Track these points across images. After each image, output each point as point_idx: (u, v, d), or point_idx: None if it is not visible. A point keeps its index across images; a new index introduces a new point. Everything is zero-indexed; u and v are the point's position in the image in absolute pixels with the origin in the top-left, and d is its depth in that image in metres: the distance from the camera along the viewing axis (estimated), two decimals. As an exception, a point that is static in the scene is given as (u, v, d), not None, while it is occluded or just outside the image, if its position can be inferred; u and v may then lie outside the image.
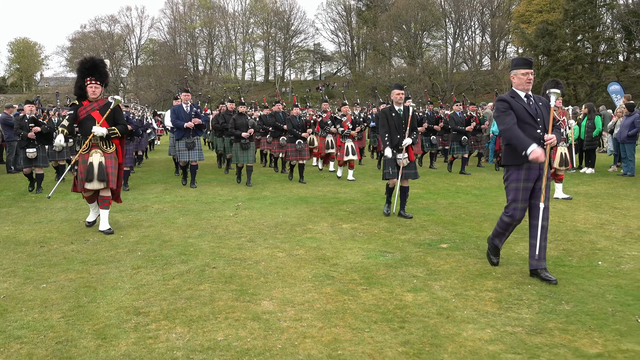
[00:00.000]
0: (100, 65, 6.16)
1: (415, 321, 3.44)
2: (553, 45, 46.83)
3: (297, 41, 67.86)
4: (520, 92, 4.39)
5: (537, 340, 3.14)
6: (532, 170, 4.29)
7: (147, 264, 4.78)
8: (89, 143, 6.00)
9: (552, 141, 4.22)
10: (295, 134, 10.61)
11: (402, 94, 6.99)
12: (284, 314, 3.56)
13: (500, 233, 4.56)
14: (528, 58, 4.45)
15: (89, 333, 3.26)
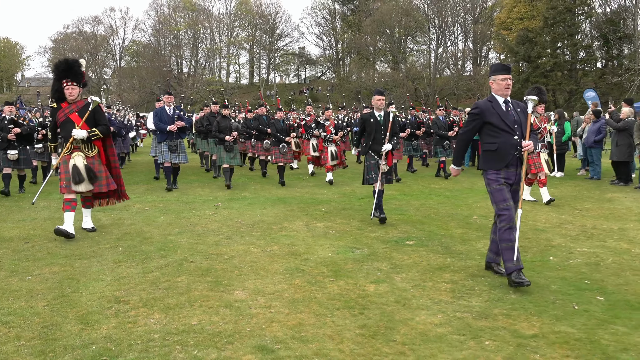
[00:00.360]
0: (75, 65, 6.06)
1: (374, 308, 3.77)
2: (533, 52, 47.78)
3: (282, 44, 68.20)
4: (499, 98, 4.43)
5: (482, 324, 3.48)
6: (509, 175, 4.37)
7: (127, 258, 5.05)
8: (70, 146, 5.93)
9: (530, 147, 4.26)
10: (278, 137, 10.71)
11: (383, 100, 7.01)
12: (254, 302, 3.86)
13: (508, 247, 4.21)
14: (506, 64, 4.53)
15: (72, 319, 3.53)
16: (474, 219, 7.16)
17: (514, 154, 4.32)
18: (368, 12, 62.04)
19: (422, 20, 59.93)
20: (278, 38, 67.39)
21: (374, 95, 7.10)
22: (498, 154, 4.34)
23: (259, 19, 66.45)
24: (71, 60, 6.15)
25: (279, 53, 68.58)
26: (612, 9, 48.55)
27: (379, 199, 6.85)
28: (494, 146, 4.35)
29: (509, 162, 4.32)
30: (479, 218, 7.19)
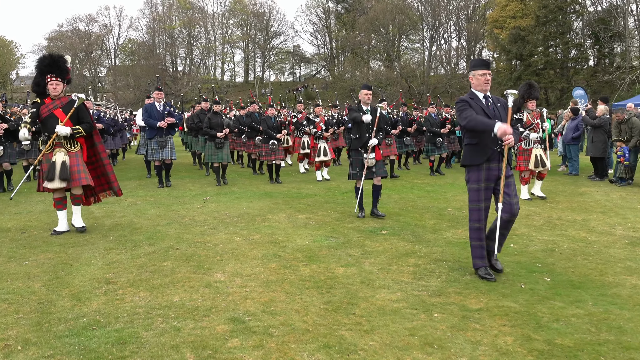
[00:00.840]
0: (60, 61, 6.00)
1: (340, 287, 4.15)
2: (525, 51, 48.30)
3: (277, 43, 68.46)
4: (478, 93, 4.47)
5: (435, 300, 3.88)
6: (491, 171, 4.39)
7: (118, 246, 5.42)
8: (52, 142, 5.88)
9: (510, 141, 4.21)
10: (269, 134, 10.73)
11: (370, 94, 7.05)
12: (232, 283, 4.25)
13: (477, 245, 4.45)
14: (486, 59, 4.59)
15: (65, 296, 3.90)
16: (448, 211, 7.56)
17: (494, 149, 4.36)
18: (362, 10, 62.37)
19: (415, 18, 60.29)
20: (273, 36, 67.62)
21: (361, 90, 7.18)
22: (479, 148, 4.38)
23: (253, 17, 66.62)
24: (56, 56, 6.09)
25: (273, 51, 68.83)
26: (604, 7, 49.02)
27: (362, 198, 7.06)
28: (475, 140, 4.40)
29: (490, 157, 4.36)
30: (453, 210, 7.58)
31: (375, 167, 6.98)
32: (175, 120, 9.89)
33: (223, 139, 10.10)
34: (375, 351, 3.03)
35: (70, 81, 6.22)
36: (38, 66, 6.00)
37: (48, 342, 3.10)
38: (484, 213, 4.42)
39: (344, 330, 3.32)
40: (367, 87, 7.18)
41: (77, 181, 5.87)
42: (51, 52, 5.88)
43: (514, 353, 3.01)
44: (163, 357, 2.93)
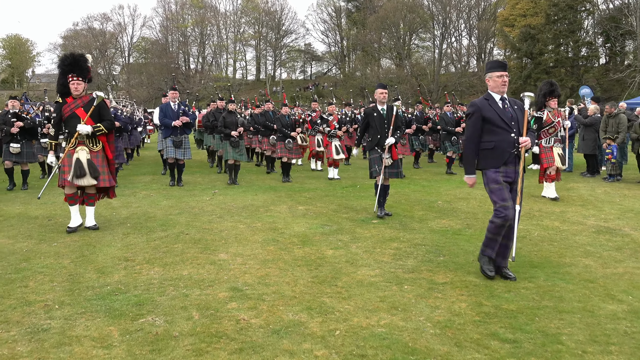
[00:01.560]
0: (81, 60, 6.07)
1: (327, 265, 4.78)
2: (535, 49, 48.46)
3: (288, 41, 69.08)
4: (495, 95, 4.43)
5: (408, 276, 4.48)
6: (508, 173, 4.37)
7: (134, 231, 6.09)
8: (74, 141, 5.97)
9: (527, 144, 4.25)
10: (284, 132, 10.74)
11: (386, 93, 7.00)
12: (233, 261, 4.89)
13: (492, 239, 4.39)
14: (502, 60, 4.53)
15: (91, 270, 4.56)
16: (438, 203, 8.14)
17: (511, 152, 4.33)
18: (373, 9, 62.77)
19: (426, 17, 60.54)
20: (284, 35, 68.22)
21: (376, 89, 7.10)
22: (495, 151, 4.34)
23: (265, 15, 67.25)
24: (77, 55, 6.16)
25: (285, 49, 69.45)
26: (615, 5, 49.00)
27: (382, 195, 7.00)
28: (491, 144, 4.36)
29: (507, 160, 4.34)
30: (442, 203, 8.16)
31: (388, 168, 6.93)
32: (189, 119, 9.95)
33: (238, 137, 10.12)
34: (349, 312, 3.65)
35: (91, 80, 6.30)
36: (60, 66, 6.08)
37: (79, 303, 3.76)
38: (511, 211, 4.27)
39: (326, 297, 3.95)
40: (383, 86, 7.12)
41: (107, 182, 6.04)
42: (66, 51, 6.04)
43: (464, 314, 3.62)
44: (174, 315, 3.57)
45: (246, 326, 3.40)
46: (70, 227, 6.03)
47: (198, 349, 3.06)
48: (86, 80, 6.11)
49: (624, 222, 6.73)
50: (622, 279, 4.39)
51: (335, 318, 3.55)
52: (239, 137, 10.16)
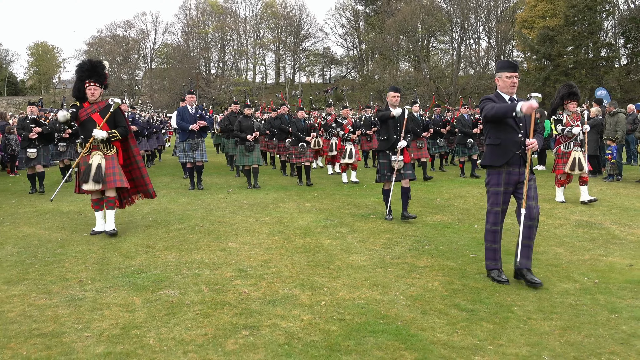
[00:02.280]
0: (99, 67, 6.19)
1: (323, 252, 5.39)
2: (554, 50, 48.37)
3: (307, 45, 69.85)
4: (504, 95, 4.42)
5: (393, 261, 5.07)
6: (512, 175, 4.37)
7: (155, 224, 6.78)
8: (89, 145, 6.11)
9: (534, 146, 4.23)
10: (299, 136, 10.73)
11: (398, 97, 7.06)
12: (241, 248, 5.53)
13: (491, 248, 4.48)
14: (513, 61, 4.52)
15: (117, 255, 5.25)
16: (436, 201, 8.69)
17: (516, 152, 4.34)
18: (390, 12, 63.21)
19: (444, 20, 60.72)
20: (303, 39, 68.95)
21: (388, 92, 7.16)
22: (500, 149, 4.37)
23: (284, 20, 68.10)
24: (95, 61, 6.28)
25: (304, 53, 70.22)
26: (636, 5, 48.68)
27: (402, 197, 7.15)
28: (498, 141, 4.39)
29: (510, 160, 4.35)
30: (441, 200, 8.71)
31: (403, 170, 7.01)
32: (206, 123, 10.12)
33: (253, 141, 10.17)
34: (336, 288, 4.26)
35: (107, 86, 6.41)
36: (78, 72, 6.18)
37: (108, 280, 4.44)
38: (500, 216, 4.44)
39: (317, 277, 4.56)
40: (395, 89, 7.18)
41: (111, 183, 6.04)
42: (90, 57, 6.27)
43: (435, 290, 4.20)
44: (187, 289, 4.22)
45: (247, 297, 4.03)
46: (94, 230, 6.29)
47: (205, 313, 3.70)
48: (103, 86, 6.25)
49: (607, 217, 7.22)
50: (584, 264, 4.92)
51: (323, 292, 4.17)
52: (255, 141, 10.21)
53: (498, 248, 4.49)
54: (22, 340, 3.27)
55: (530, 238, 4.34)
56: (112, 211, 6.18)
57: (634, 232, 6.25)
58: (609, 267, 4.85)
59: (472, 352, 3.12)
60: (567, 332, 3.40)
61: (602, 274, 4.63)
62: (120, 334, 3.35)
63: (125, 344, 3.21)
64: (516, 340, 3.28)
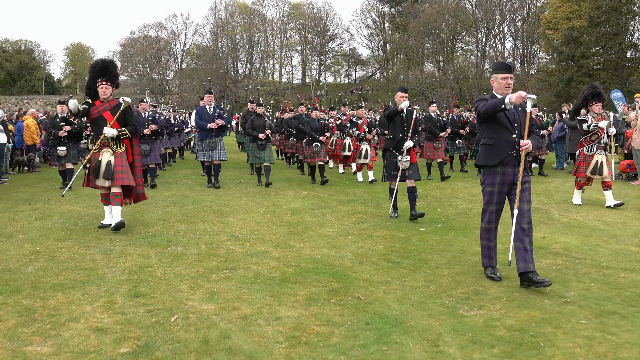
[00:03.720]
0: (111, 66, 6.35)
1: (302, 226, 6.70)
2: (577, 52, 48.51)
3: (333, 46, 70.86)
4: (499, 97, 4.42)
5: (356, 232, 6.35)
6: (506, 176, 4.41)
7: (171, 205, 8.20)
8: (100, 142, 6.29)
9: (528, 147, 4.27)
10: (313, 136, 10.82)
11: (406, 97, 7.11)
12: (237, 222, 6.89)
13: (485, 245, 4.57)
14: (508, 63, 4.58)
15: (139, 225, 6.67)
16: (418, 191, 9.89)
17: (510, 152, 4.38)
18: (415, 13, 63.86)
19: (468, 21, 61.06)
20: (329, 40, 69.98)
21: (397, 92, 7.23)
22: (494, 149, 4.42)
23: (310, 21, 69.28)
24: (107, 61, 6.43)
25: (330, 54, 71.33)
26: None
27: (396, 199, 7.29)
28: (492, 141, 4.46)
29: (505, 160, 4.39)
30: (422, 190, 9.92)
31: (408, 170, 7.13)
32: (224, 122, 10.28)
33: (265, 140, 10.40)
34: (301, 248, 5.57)
35: (118, 85, 6.59)
36: (91, 71, 6.38)
37: (131, 240, 5.85)
38: (495, 215, 4.53)
39: (291, 241, 5.88)
40: (403, 90, 7.22)
41: (119, 180, 6.26)
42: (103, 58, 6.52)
43: (377, 250, 5.47)
44: (189, 246, 5.59)
45: (232, 252, 5.38)
46: (103, 223, 6.55)
47: (200, 260, 5.06)
48: (114, 85, 6.43)
49: (559, 205, 8.34)
50: (503, 236, 6.09)
51: (291, 250, 5.49)
52: (267, 140, 10.46)
53: (493, 246, 4.58)
54: (70, 271, 4.68)
55: (523, 241, 4.31)
56: (119, 207, 6.37)
57: (569, 216, 7.40)
58: (527, 239, 6.03)
59: (382, 284, 4.40)
60: (459, 275, 4.64)
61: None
62: (137, 270, 4.73)
63: (140, 275, 4.58)
64: (417, 278, 4.55)
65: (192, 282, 4.40)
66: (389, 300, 3.99)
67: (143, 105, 10.73)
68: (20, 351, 3.10)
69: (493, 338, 3.32)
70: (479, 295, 4.12)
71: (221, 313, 3.71)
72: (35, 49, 68.39)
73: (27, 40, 67.87)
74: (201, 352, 3.10)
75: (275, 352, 3.12)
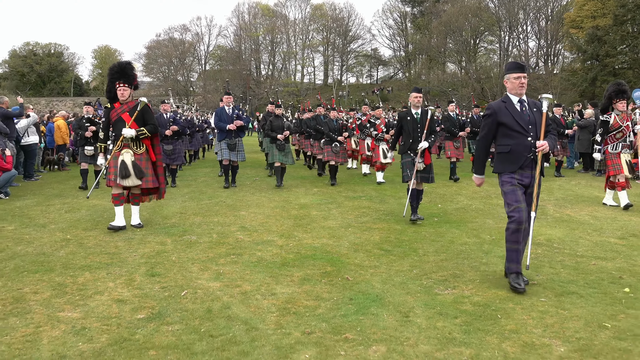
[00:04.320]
0: (128, 68, 6.44)
1: (307, 219, 7.23)
2: (602, 51, 48.02)
3: (355, 46, 71.13)
4: (513, 97, 4.38)
5: (357, 224, 6.84)
6: (524, 177, 4.32)
7: (189, 200, 8.82)
8: (120, 143, 6.40)
9: (544, 148, 4.20)
10: (331, 137, 10.96)
11: (420, 97, 7.11)
12: (248, 215, 7.45)
13: (511, 250, 4.30)
14: (521, 62, 4.46)
15: (159, 217, 7.28)
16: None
17: (527, 156, 4.28)
18: (437, 13, 63.78)
19: (490, 21, 60.74)
20: (351, 40, 70.25)
21: (410, 93, 7.22)
22: (511, 156, 4.31)
23: (332, 22, 69.62)
24: (124, 63, 6.52)
25: (352, 55, 71.64)
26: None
27: (413, 199, 7.07)
28: (507, 148, 4.34)
29: (523, 164, 4.30)
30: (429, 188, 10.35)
31: (422, 172, 7.06)
32: (243, 123, 10.35)
33: (284, 141, 10.48)
34: (304, 238, 6.09)
35: (137, 87, 6.63)
36: (109, 74, 6.49)
37: (150, 230, 6.45)
38: (524, 213, 4.23)
39: (295, 232, 6.41)
40: (417, 90, 7.20)
41: (150, 183, 6.49)
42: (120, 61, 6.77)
43: (373, 240, 5.96)
44: (202, 235, 6.16)
45: (241, 241, 5.94)
46: (113, 225, 6.40)
47: (211, 247, 5.63)
48: (132, 86, 6.50)
49: (557, 202, 8.70)
50: (496, 229, 6.54)
51: (294, 240, 6.02)
52: (285, 141, 10.52)
53: (521, 249, 4.34)
54: (96, 255, 5.29)
55: (518, 242, 4.27)
56: (137, 207, 6.63)
57: (562, 212, 7.77)
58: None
59: (371, 268, 4.90)
60: (443, 261, 5.11)
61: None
62: (154, 255, 5.32)
63: (157, 258, 5.17)
64: (404, 264, 5.03)
65: (202, 265, 4.96)
66: (374, 281, 4.49)
67: (164, 106, 11.13)
68: (54, 316, 3.70)
69: (458, 311, 3.80)
70: (456, 278, 4.59)
71: (225, 289, 4.26)
72: (65, 52, 70.47)
73: (56, 43, 70.00)
74: (205, 319, 3.65)
75: (267, 319, 3.66)
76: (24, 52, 67.13)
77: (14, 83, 63.75)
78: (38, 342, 3.27)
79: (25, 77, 65.98)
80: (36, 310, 3.79)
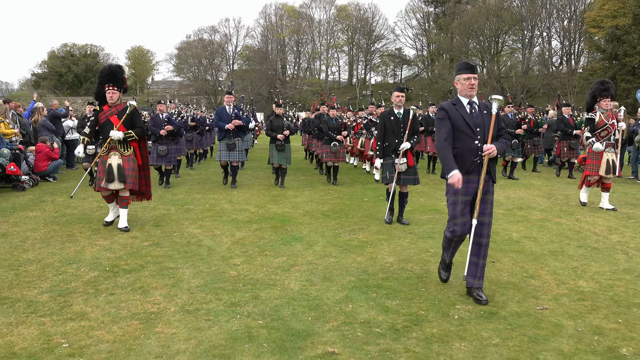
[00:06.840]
0: (118, 72, 6.46)
1: (282, 197, 9.38)
2: (620, 50, 48.48)
3: (379, 46, 72.42)
4: (463, 99, 4.23)
5: (321, 200, 8.95)
6: (470, 184, 4.17)
7: (196, 183, 11.07)
8: (107, 146, 6.45)
9: (492, 152, 4.04)
10: (330, 136, 11.03)
11: (402, 97, 6.92)
12: (237, 195, 9.64)
13: (446, 247, 4.43)
14: (471, 62, 4.31)
15: (170, 194, 9.55)
16: (393, 177, 12.38)
17: (473, 160, 4.16)
18: (458, 14, 64.37)
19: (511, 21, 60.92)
20: (375, 40, 71.56)
21: (393, 92, 7.00)
22: (458, 159, 4.13)
23: (357, 22, 70.70)
24: (114, 66, 6.53)
25: (376, 54, 72.83)
26: None
27: (400, 204, 7.15)
28: (455, 151, 4.17)
29: (469, 169, 4.17)
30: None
31: (404, 174, 6.94)
32: (242, 122, 10.26)
33: (284, 141, 10.55)
34: (272, 207, 8.25)
35: (126, 90, 6.68)
36: (99, 76, 6.46)
37: (161, 202, 8.70)
38: (459, 228, 4.19)
39: (268, 204, 8.56)
40: (400, 89, 7.02)
41: (128, 184, 6.52)
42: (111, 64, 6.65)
43: (321, 209, 8.08)
44: (199, 206, 8.38)
45: (225, 209, 8.14)
46: (107, 220, 6.86)
47: (202, 212, 7.85)
48: (121, 90, 6.53)
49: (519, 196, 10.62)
50: (422, 204, 8.56)
51: (264, 209, 8.18)
52: (286, 141, 10.56)
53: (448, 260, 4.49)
54: (120, 215, 7.57)
55: (479, 255, 4.20)
56: (126, 210, 6.67)
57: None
58: (497, 233, 8.47)
59: (308, 224, 7.02)
60: (360, 221, 7.20)
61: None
62: (161, 216, 7.56)
63: (162, 218, 7.41)
64: (333, 222, 7.15)
65: (192, 222, 7.18)
66: (304, 231, 6.64)
67: (160, 106, 11.00)
68: (92, 243, 5.94)
69: (345, 244, 5.92)
70: (362, 230, 6.70)
71: (202, 233, 6.47)
72: (100, 52, 72.50)
73: (92, 44, 72.50)
74: (184, 245, 5.85)
75: (222, 246, 5.83)
76: (62, 53, 69.78)
77: (52, 83, 66.45)
78: (83, 253, 5.52)
79: (63, 77, 68.50)
80: (81, 241, 6.05)
